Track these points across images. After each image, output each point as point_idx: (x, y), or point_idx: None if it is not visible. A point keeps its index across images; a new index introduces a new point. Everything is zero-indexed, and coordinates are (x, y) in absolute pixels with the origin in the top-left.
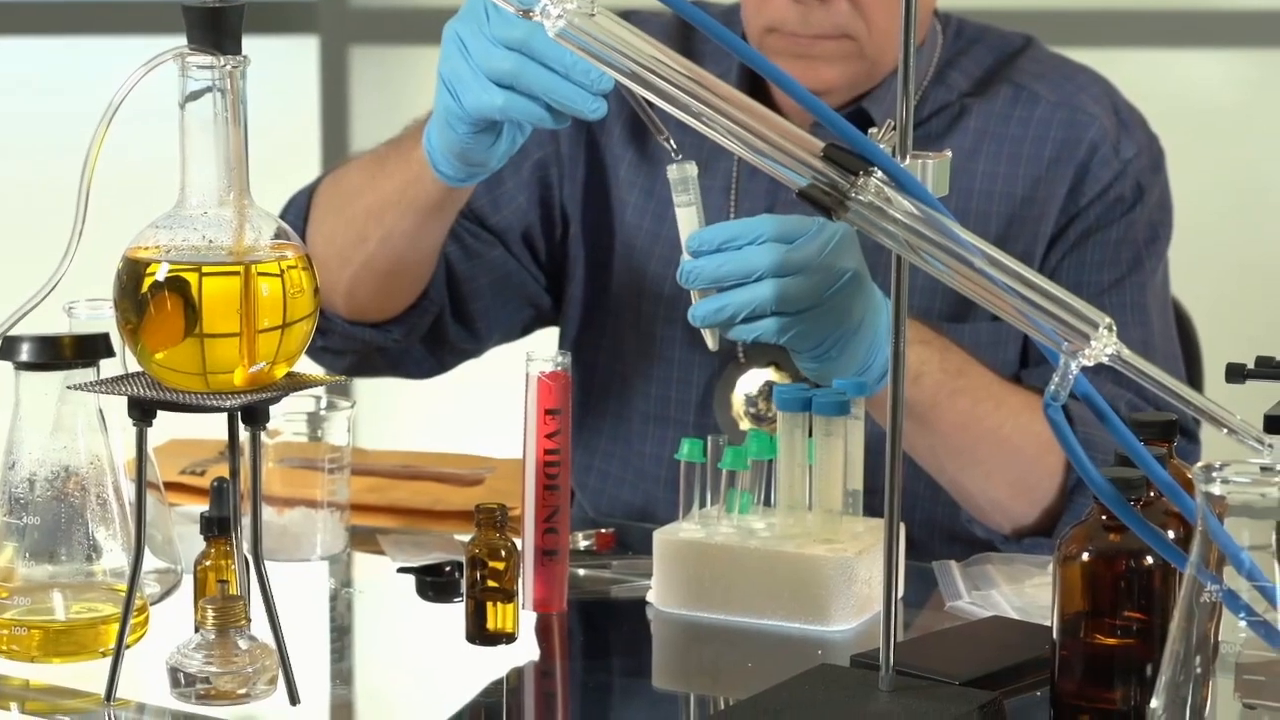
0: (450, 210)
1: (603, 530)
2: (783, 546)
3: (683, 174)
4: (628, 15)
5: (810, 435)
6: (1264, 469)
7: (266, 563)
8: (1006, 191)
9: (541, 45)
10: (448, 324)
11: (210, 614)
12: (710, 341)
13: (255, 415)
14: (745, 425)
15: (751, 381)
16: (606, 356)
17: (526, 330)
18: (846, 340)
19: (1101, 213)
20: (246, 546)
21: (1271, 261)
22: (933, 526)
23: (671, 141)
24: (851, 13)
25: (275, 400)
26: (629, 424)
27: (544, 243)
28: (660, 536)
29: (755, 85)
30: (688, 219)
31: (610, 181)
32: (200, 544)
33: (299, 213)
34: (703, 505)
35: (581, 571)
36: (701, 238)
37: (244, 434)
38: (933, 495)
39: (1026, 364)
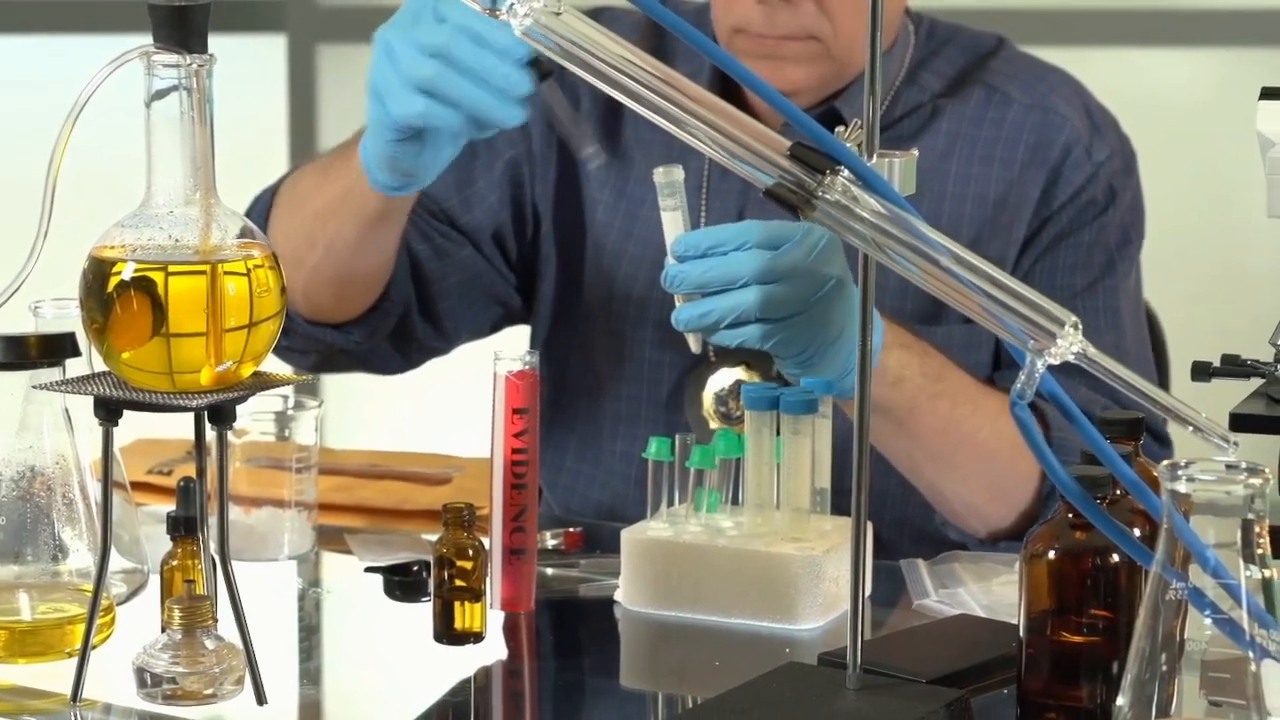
0: (393, 219)
1: (571, 529)
2: (750, 545)
3: (669, 178)
4: (599, 13)
5: (778, 434)
6: (1229, 467)
7: (234, 562)
8: (979, 194)
9: (461, 52)
10: (415, 322)
11: (177, 614)
12: (693, 345)
13: (222, 415)
14: (715, 424)
15: (722, 381)
16: (577, 355)
17: (496, 328)
18: (829, 345)
19: (1074, 216)
20: (213, 546)
21: (1238, 260)
22: (903, 526)
23: (596, 154)
24: (817, 14)
25: (242, 400)
26: (599, 423)
27: (515, 242)
28: (628, 535)
29: (727, 85)
30: (673, 223)
31: (582, 181)
32: (167, 544)
33: (262, 211)
34: (670, 504)
35: (549, 570)
36: (687, 242)
37: (211, 433)
38: (904, 495)
39: (999, 366)
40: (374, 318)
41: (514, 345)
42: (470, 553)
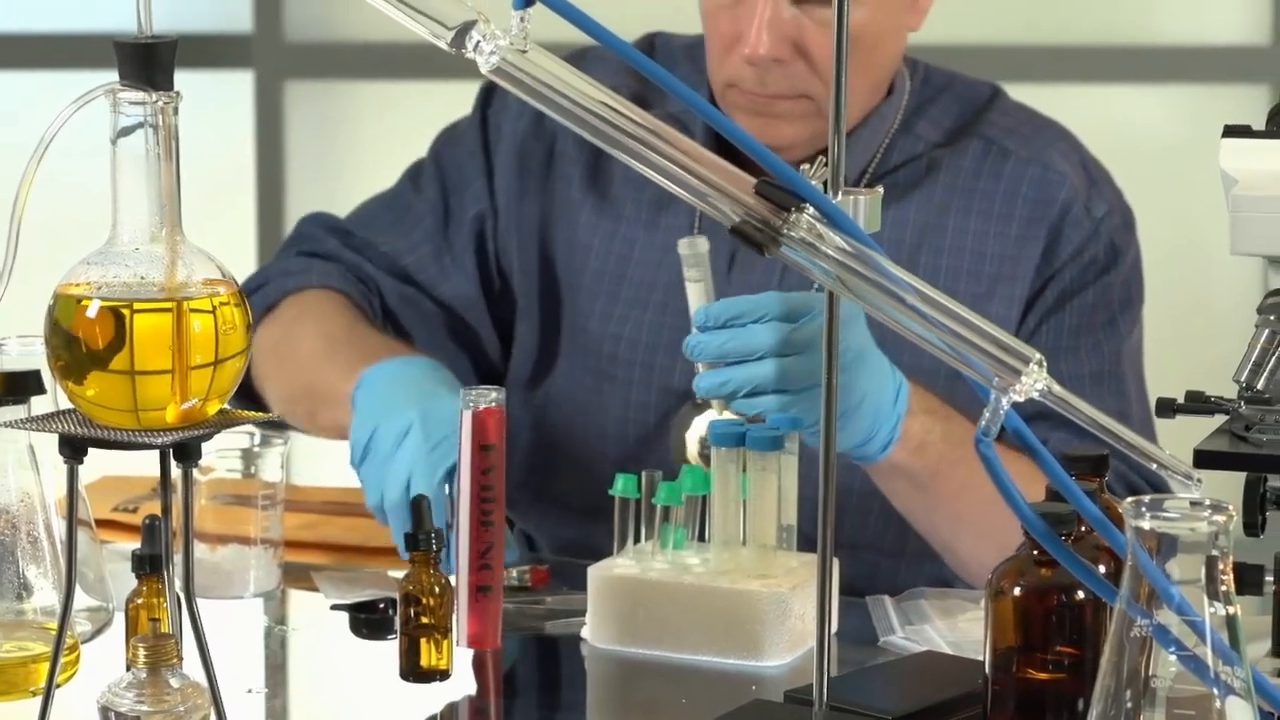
0: None
1: (537, 566)
2: (717, 582)
3: (694, 249)
4: (583, 53)
5: (744, 471)
6: (1193, 504)
7: (199, 600)
8: (978, 249)
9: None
10: None
11: (142, 652)
12: (715, 409)
13: (187, 452)
14: (695, 460)
15: (706, 422)
16: (559, 394)
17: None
18: (849, 415)
19: (1076, 275)
20: (178, 584)
21: (1204, 297)
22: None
23: None
24: (808, 73)
25: (207, 437)
26: (584, 460)
27: (486, 302)
28: (595, 572)
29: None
30: (697, 294)
31: (570, 227)
32: (132, 582)
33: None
34: (637, 541)
35: (516, 607)
36: (709, 313)
37: (176, 471)
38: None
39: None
40: None
41: (481, 383)
42: (436, 590)
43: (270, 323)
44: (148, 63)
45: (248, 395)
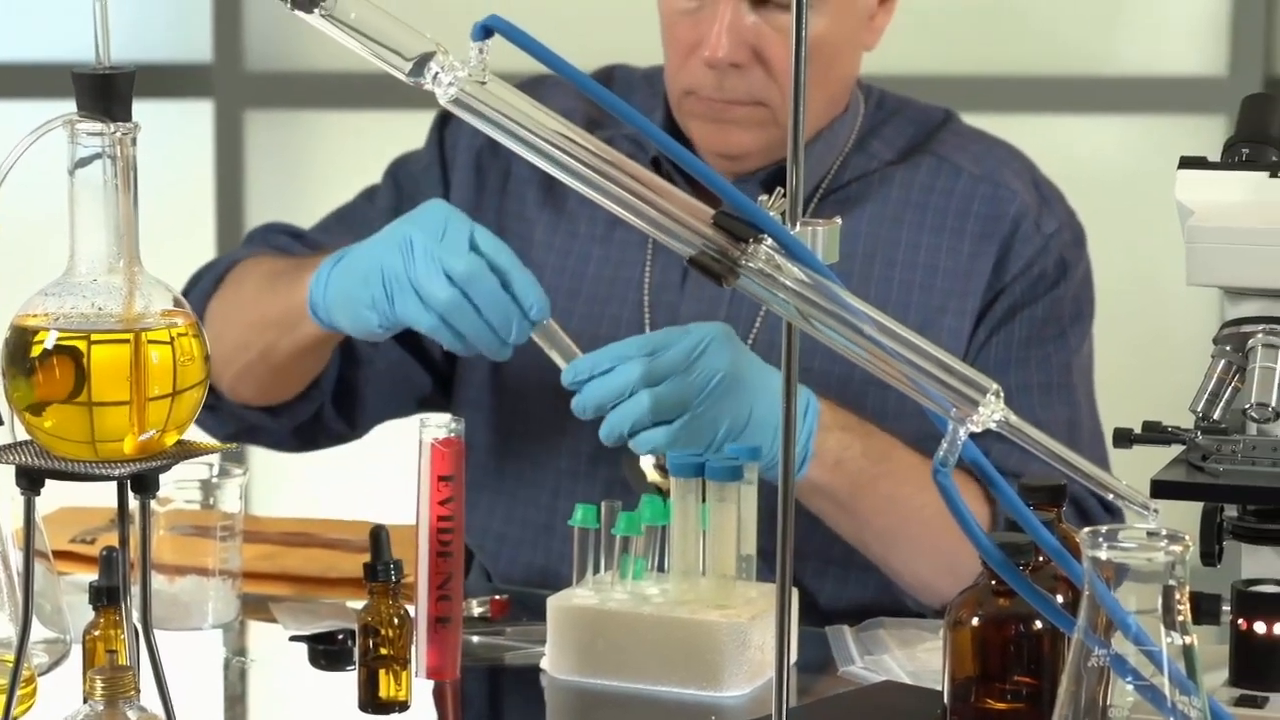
0: (331, 342)
1: (497, 596)
2: (676, 612)
3: (542, 332)
4: (538, 81)
5: (704, 501)
6: (1150, 534)
7: (158, 632)
8: (930, 264)
9: (485, 292)
10: (327, 413)
11: (99, 685)
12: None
13: (145, 484)
14: (653, 477)
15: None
16: (513, 419)
17: (413, 412)
18: (740, 436)
19: (1026, 289)
20: (136, 616)
21: (1161, 328)
22: (846, 580)
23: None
24: (766, 81)
25: (165, 469)
26: (537, 486)
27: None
28: (554, 603)
29: (683, 144)
30: (560, 361)
31: (525, 244)
32: (89, 613)
33: (202, 296)
34: (597, 571)
35: (475, 638)
36: (574, 369)
37: (134, 502)
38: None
39: None
40: (299, 404)
41: (439, 413)
42: (395, 621)
43: (215, 299)
44: (105, 93)
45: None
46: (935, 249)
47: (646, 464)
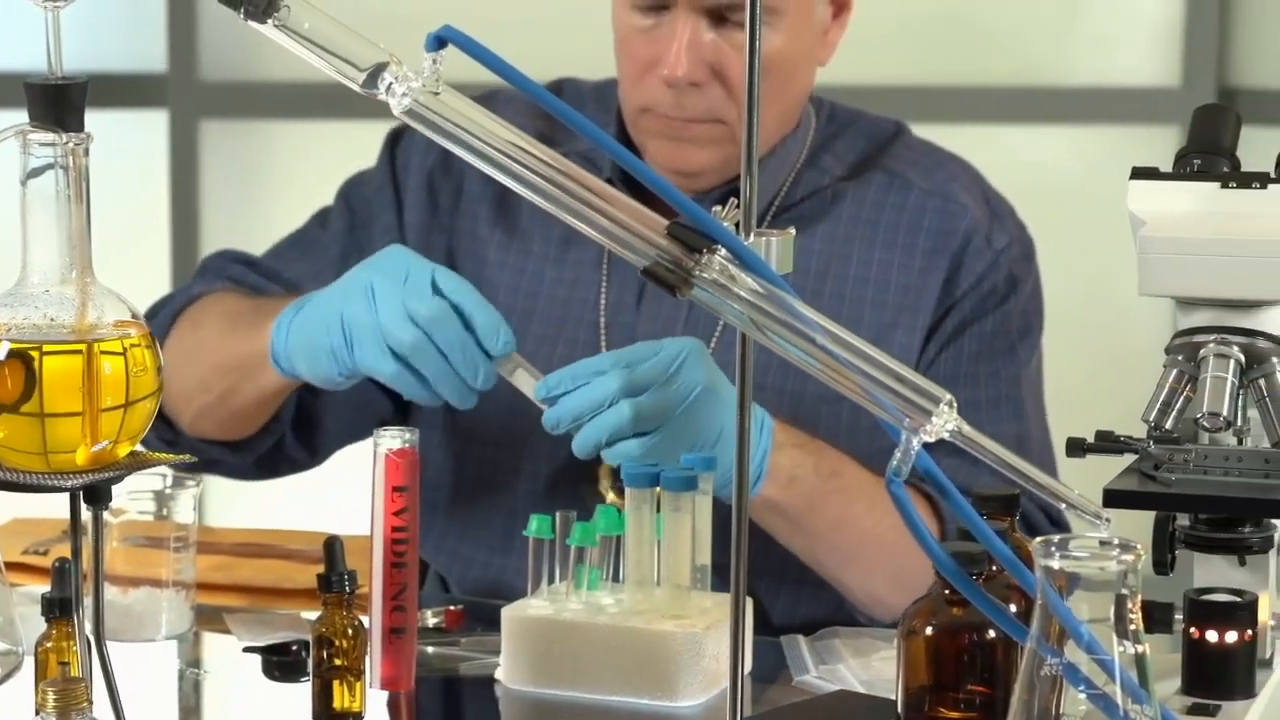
0: (292, 387)
1: (451, 607)
2: (631, 622)
3: (509, 363)
4: (492, 95)
5: (658, 511)
6: (1102, 543)
7: (111, 643)
8: (882, 279)
9: (447, 333)
10: (288, 443)
11: (51, 697)
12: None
13: (97, 495)
14: (610, 498)
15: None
16: (474, 432)
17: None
18: (708, 450)
19: (976, 304)
20: (89, 627)
21: (1114, 338)
22: (799, 594)
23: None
24: (724, 98)
25: (118, 480)
26: (499, 500)
27: None
28: (508, 613)
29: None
30: (525, 381)
31: (478, 264)
32: (42, 625)
33: (161, 328)
34: (551, 581)
35: (430, 649)
36: (548, 384)
37: (86, 514)
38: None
39: None
40: (258, 439)
41: (394, 424)
42: (350, 632)
43: (173, 336)
44: (58, 104)
45: (165, 423)
46: (887, 265)
47: (604, 486)
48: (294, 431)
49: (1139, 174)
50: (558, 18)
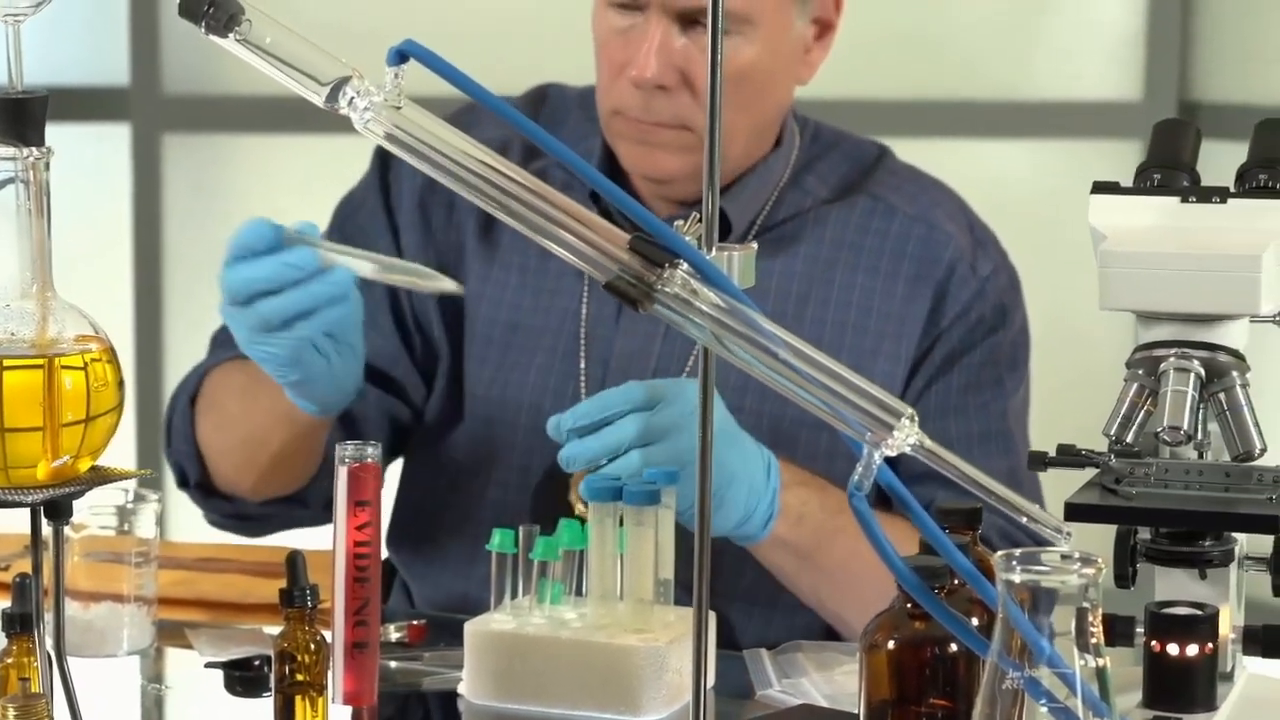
0: (326, 423)
1: (414, 621)
2: (594, 636)
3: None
4: (467, 109)
5: (621, 525)
6: (1064, 556)
7: (72, 659)
8: (864, 304)
9: (233, 282)
10: None
11: (11, 713)
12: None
13: (58, 510)
14: (580, 508)
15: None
16: (452, 447)
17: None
18: (721, 494)
19: (964, 334)
20: (49, 643)
21: (1081, 351)
22: (752, 607)
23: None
24: (693, 104)
25: (78, 495)
26: (472, 514)
27: (409, 359)
28: (471, 628)
29: (614, 166)
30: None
31: (465, 277)
32: (2, 641)
33: (184, 415)
34: (515, 596)
35: (393, 664)
36: (575, 416)
37: (47, 528)
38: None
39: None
40: (320, 483)
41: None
42: (312, 647)
43: (200, 424)
44: (18, 118)
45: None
46: (869, 291)
47: (574, 496)
48: None
49: (1100, 188)
50: (527, 31)
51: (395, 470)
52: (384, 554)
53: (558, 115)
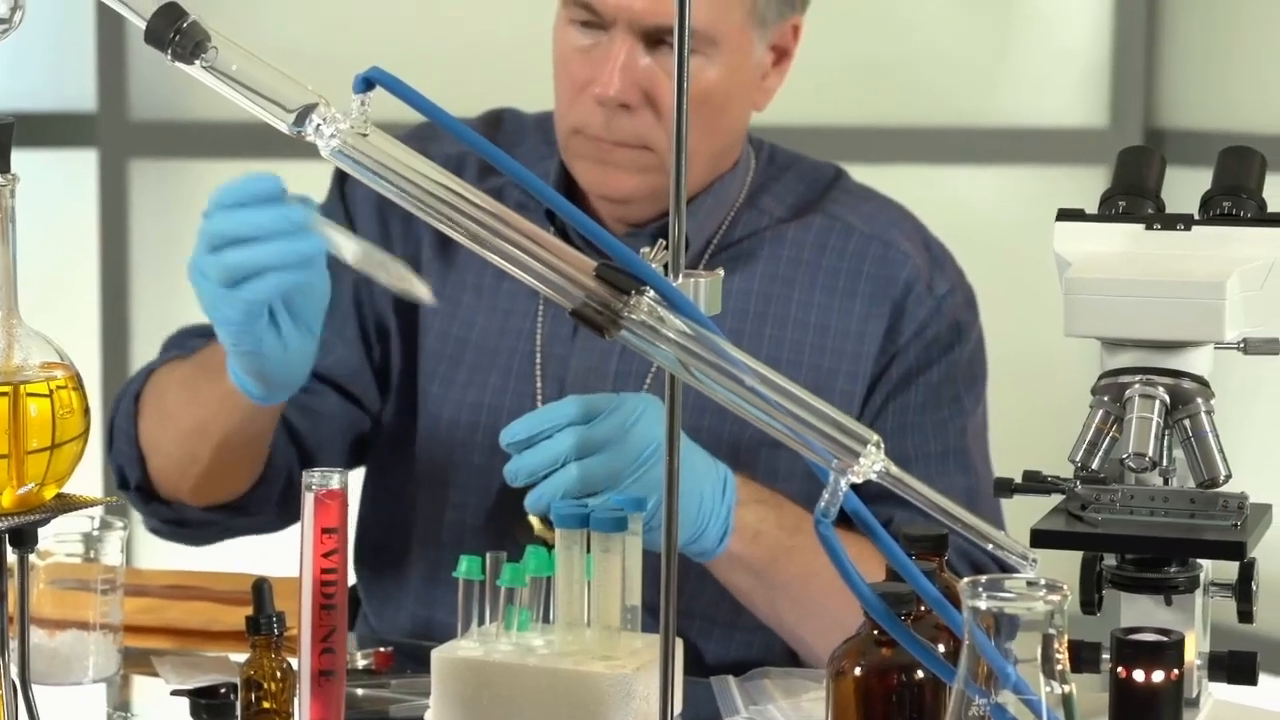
0: (274, 410)
1: (381, 649)
2: (561, 664)
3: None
4: (426, 126)
5: (588, 551)
6: (1029, 583)
7: (37, 687)
8: (821, 323)
9: (218, 224)
10: (297, 476)
11: None
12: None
13: (23, 537)
14: (540, 530)
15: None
16: (409, 466)
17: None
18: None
19: (921, 352)
20: (14, 671)
21: (1048, 377)
22: (713, 627)
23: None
24: (654, 124)
25: (43, 522)
26: (430, 536)
27: (370, 370)
28: (438, 655)
29: (571, 186)
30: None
31: (462, 286)
32: None
33: (127, 416)
34: (481, 623)
35: (360, 691)
36: (511, 433)
37: (13, 556)
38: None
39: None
40: (262, 489)
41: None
42: (278, 675)
43: (143, 420)
44: None
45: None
46: (827, 309)
47: (534, 520)
48: (300, 469)
49: (1065, 215)
50: (489, 57)
51: (356, 485)
52: (351, 580)
53: (514, 139)
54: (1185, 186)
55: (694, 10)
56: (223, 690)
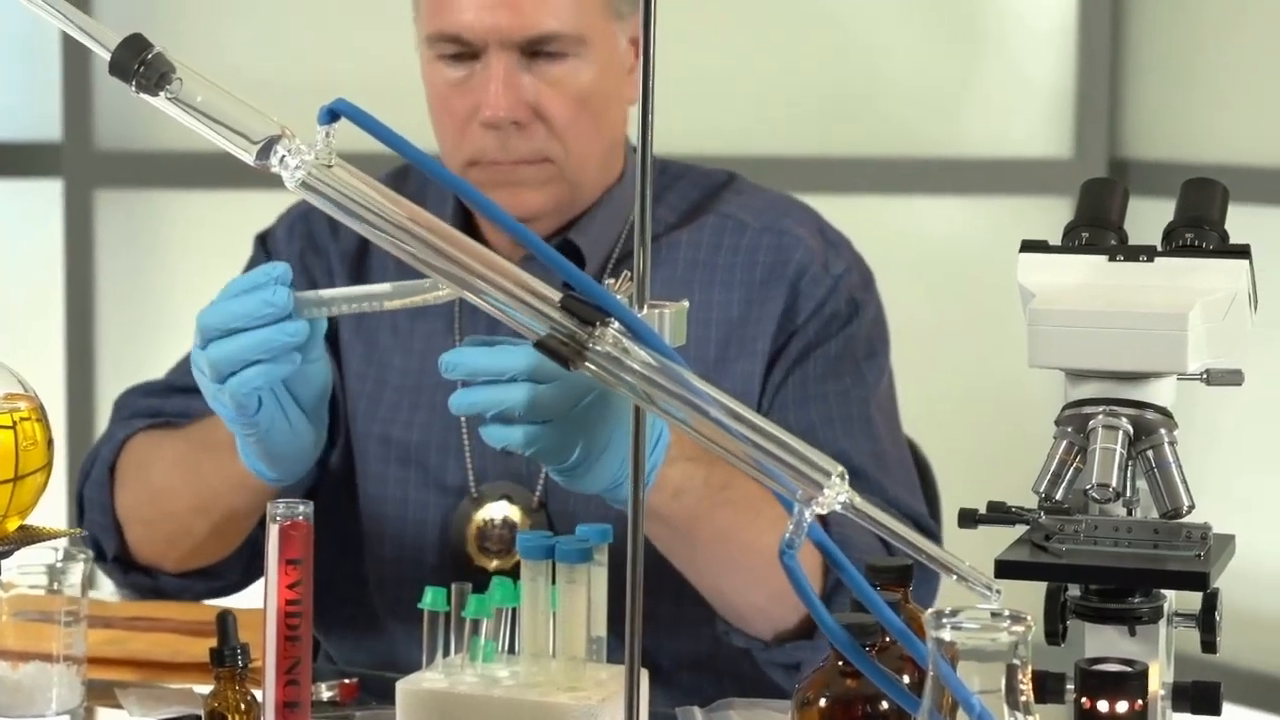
0: (275, 489)
1: (346, 680)
2: (526, 695)
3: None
4: (406, 170)
5: (554, 582)
6: (994, 614)
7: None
8: (722, 317)
9: (201, 318)
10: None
11: None
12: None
13: None
14: (479, 561)
15: (485, 516)
16: (353, 509)
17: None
18: (595, 457)
19: (819, 328)
20: None
21: (1013, 409)
22: (679, 655)
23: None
24: (548, 137)
25: (7, 554)
26: (377, 569)
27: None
28: (403, 686)
29: (468, 220)
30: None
31: (332, 346)
32: None
33: (100, 485)
34: (447, 654)
35: None
36: (467, 342)
37: None
38: (675, 616)
39: None
40: (233, 556)
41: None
42: (243, 706)
43: (121, 494)
44: None
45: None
46: (726, 304)
47: (472, 538)
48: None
49: (1028, 247)
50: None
51: None
52: None
53: (421, 187)
54: (1148, 217)
55: (559, 13)
56: None
